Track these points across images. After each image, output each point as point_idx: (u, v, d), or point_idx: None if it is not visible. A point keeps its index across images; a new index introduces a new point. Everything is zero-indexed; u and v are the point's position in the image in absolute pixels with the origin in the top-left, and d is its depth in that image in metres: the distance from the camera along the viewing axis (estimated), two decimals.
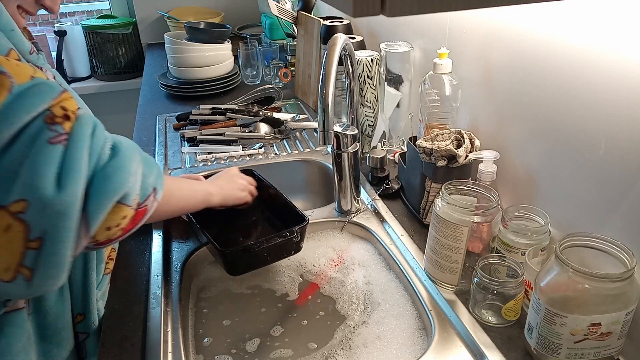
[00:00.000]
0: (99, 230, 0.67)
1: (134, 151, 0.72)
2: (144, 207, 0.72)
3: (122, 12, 2.59)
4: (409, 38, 1.26)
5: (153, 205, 0.74)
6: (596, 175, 0.74)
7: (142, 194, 0.71)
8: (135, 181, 0.69)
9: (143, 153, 0.76)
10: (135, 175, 0.69)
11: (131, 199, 0.68)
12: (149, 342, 0.77)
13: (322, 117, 0.88)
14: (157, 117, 1.62)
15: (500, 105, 0.95)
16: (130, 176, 0.68)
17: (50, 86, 0.65)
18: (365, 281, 0.94)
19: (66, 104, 0.66)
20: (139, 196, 0.70)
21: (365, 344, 0.80)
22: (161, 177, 0.77)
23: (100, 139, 0.67)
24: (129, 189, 0.67)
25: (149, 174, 0.73)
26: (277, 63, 1.86)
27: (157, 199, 0.75)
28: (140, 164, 0.72)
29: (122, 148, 0.70)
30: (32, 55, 0.76)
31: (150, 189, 0.73)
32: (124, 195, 0.67)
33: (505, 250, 0.81)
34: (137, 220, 0.72)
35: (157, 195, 0.75)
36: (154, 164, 0.77)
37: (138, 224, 0.73)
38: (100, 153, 0.67)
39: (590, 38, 0.71)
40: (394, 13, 0.40)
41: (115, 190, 0.66)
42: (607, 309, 0.63)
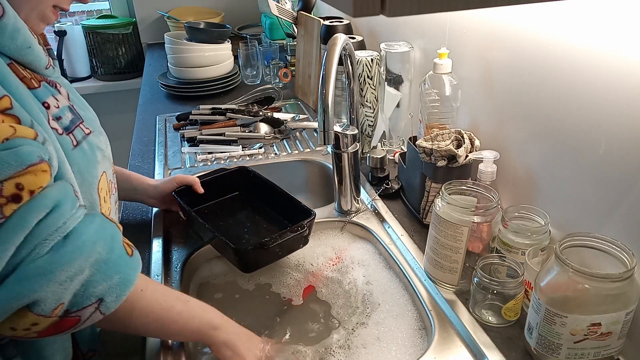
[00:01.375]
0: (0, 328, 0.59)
1: (92, 250, 0.61)
2: (74, 316, 0.61)
3: (122, 12, 2.59)
4: (409, 38, 1.26)
5: (93, 317, 0.62)
6: (596, 175, 0.74)
7: (75, 302, 0.60)
8: (63, 289, 0.58)
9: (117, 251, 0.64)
10: (66, 282, 0.58)
11: (46, 309, 0.58)
12: (149, 342, 0.77)
13: (322, 117, 0.88)
14: (157, 117, 1.62)
15: (500, 105, 0.95)
16: (52, 284, 0.57)
17: (18, 156, 0.57)
18: (365, 281, 0.94)
19: (26, 180, 0.58)
20: (66, 304, 0.59)
21: (364, 345, 0.80)
22: (122, 288, 0.63)
23: (50, 226, 0.58)
24: (41, 298, 0.57)
25: (98, 281, 0.61)
26: (277, 63, 1.86)
27: (102, 311, 0.62)
28: (90, 267, 0.60)
29: (76, 242, 0.60)
30: (47, 70, 0.73)
31: (93, 299, 0.61)
32: (33, 303, 0.57)
33: (505, 250, 0.81)
34: (62, 329, 0.61)
35: (104, 307, 0.62)
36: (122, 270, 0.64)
37: (66, 332, 0.62)
38: (38, 245, 0.57)
39: (590, 38, 0.71)
40: (394, 13, 0.40)
41: (19, 297, 0.56)
42: (607, 309, 0.63)
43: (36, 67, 0.71)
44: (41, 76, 0.72)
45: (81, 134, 0.74)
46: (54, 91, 0.73)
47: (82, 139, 0.74)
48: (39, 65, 0.71)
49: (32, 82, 0.68)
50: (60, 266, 0.58)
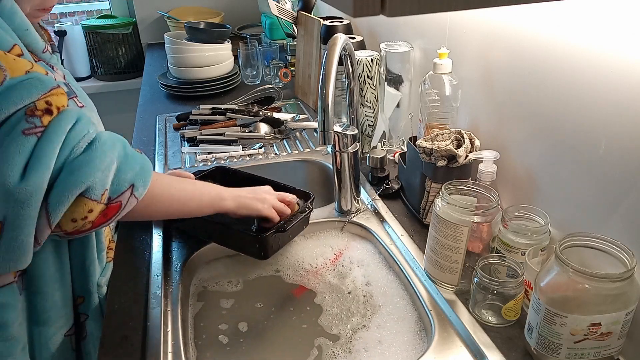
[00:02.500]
0: (63, 221, 0.69)
1: (114, 147, 0.74)
2: (116, 202, 0.73)
3: (122, 12, 2.59)
4: (409, 38, 1.26)
5: (130, 202, 0.75)
6: (596, 175, 0.74)
7: (114, 189, 0.73)
8: (105, 176, 0.71)
9: (130, 150, 0.78)
10: (106, 170, 0.71)
11: (97, 194, 0.70)
12: (149, 342, 0.77)
13: (322, 117, 0.88)
14: (157, 117, 1.62)
15: (500, 105, 0.95)
16: (97, 171, 0.70)
17: (41, 81, 0.69)
18: (365, 281, 0.94)
19: (53, 99, 0.69)
20: (109, 191, 0.72)
21: (365, 347, 0.80)
22: (145, 174, 0.77)
23: (79, 133, 0.70)
24: (92, 183, 0.69)
25: (126, 169, 0.74)
26: (277, 63, 1.86)
27: (135, 195, 0.75)
28: (116, 159, 0.73)
29: (100, 143, 0.72)
30: (45, 53, 0.81)
31: (126, 184, 0.74)
32: (87, 189, 0.69)
33: (505, 250, 0.81)
34: (109, 215, 0.73)
35: (137, 192, 0.76)
36: (139, 162, 0.77)
37: (111, 219, 0.74)
38: (74, 147, 0.69)
39: (590, 38, 0.71)
40: (394, 13, 0.40)
41: (76, 184, 0.68)
42: (607, 309, 0.63)
43: (34, 48, 0.79)
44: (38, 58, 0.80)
45: (75, 107, 0.82)
46: (50, 69, 0.80)
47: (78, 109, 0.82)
48: (36, 47, 0.79)
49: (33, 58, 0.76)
50: (97, 157, 0.70)
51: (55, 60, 0.85)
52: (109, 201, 0.72)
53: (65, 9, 2.77)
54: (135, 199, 0.76)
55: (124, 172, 0.74)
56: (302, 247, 1.03)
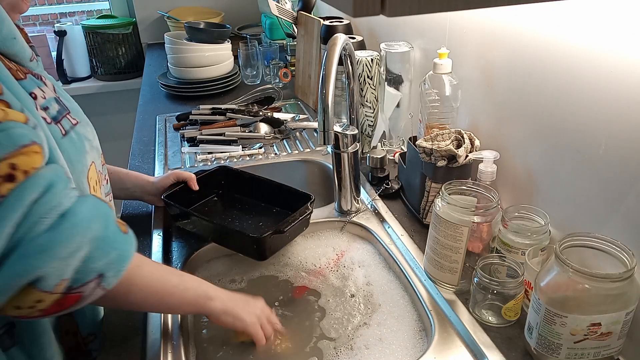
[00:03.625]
0: (6, 306, 0.59)
1: (89, 228, 0.62)
2: (77, 292, 0.62)
3: (122, 12, 2.59)
4: (409, 38, 1.26)
5: (95, 293, 0.64)
6: (596, 175, 0.74)
7: (77, 278, 0.61)
8: (65, 265, 0.60)
9: (111, 230, 0.65)
10: (69, 258, 0.60)
11: (50, 284, 0.59)
12: (149, 342, 0.78)
13: (322, 117, 0.88)
14: (157, 117, 1.62)
15: (500, 105, 0.95)
16: (54, 260, 0.59)
17: (10, 137, 0.59)
18: (365, 281, 0.94)
19: (20, 160, 0.59)
20: (69, 281, 0.60)
21: (365, 346, 0.80)
22: (121, 263, 0.65)
23: (46, 204, 0.60)
24: (45, 274, 0.58)
25: (97, 257, 0.62)
26: (277, 63, 1.86)
27: (103, 286, 0.64)
28: (88, 243, 0.62)
29: (72, 220, 0.61)
30: (32, 62, 0.74)
31: (94, 274, 0.62)
32: (37, 279, 0.58)
33: (505, 250, 0.81)
34: (65, 305, 0.62)
35: (105, 282, 0.64)
36: (118, 246, 0.65)
37: (68, 308, 0.63)
38: (36, 223, 0.58)
39: (590, 38, 0.71)
40: (394, 13, 0.40)
41: (25, 274, 0.58)
42: (607, 309, 0.63)
43: (21, 58, 0.71)
44: (26, 69, 0.73)
45: (69, 124, 0.75)
46: (40, 83, 0.73)
47: (69, 128, 0.75)
48: (24, 56, 0.72)
49: (18, 74, 0.69)
50: (60, 243, 0.59)
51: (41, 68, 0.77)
52: (67, 290, 0.61)
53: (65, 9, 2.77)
54: (102, 290, 0.64)
55: (93, 260, 0.62)
56: (303, 247, 1.03)
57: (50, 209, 0.59)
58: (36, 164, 0.60)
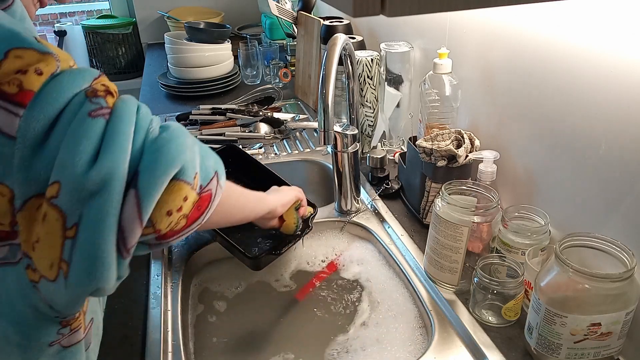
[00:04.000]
0: (157, 216, 0.56)
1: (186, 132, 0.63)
2: (207, 191, 0.62)
3: (122, 12, 2.59)
4: (409, 38, 1.26)
5: (217, 193, 0.64)
6: (596, 175, 0.74)
7: (204, 175, 0.61)
8: (193, 156, 0.60)
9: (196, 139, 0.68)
10: (192, 149, 0.60)
11: (191, 175, 0.59)
12: (149, 342, 0.78)
13: (322, 117, 0.88)
14: (157, 117, 1.62)
15: (500, 105, 0.95)
16: (187, 148, 0.59)
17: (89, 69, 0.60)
18: (366, 281, 0.94)
19: (107, 83, 0.60)
20: (199, 176, 0.60)
21: (363, 346, 0.80)
22: (221, 163, 0.66)
23: (146, 116, 0.60)
24: (185, 162, 0.58)
25: (207, 156, 0.63)
26: (277, 63, 1.86)
27: (220, 185, 0.65)
28: (195, 144, 0.62)
29: (172, 126, 0.61)
30: None
31: (212, 171, 0.63)
32: (181, 169, 0.57)
33: (505, 250, 0.81)
34: (202, 208, 0.61)
35: (221, 180, 0.65)
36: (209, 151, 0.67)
37: (204, 214, 0.62)
38: (148, 128, 0.58)
39: (590, 38, 0.71)
40: (394, 13, 0.40)
41: (170, 162, 0.56)
42: (607, 309, 0.63)
43: None
44: None
45: None
46: None
47: None
48: None
49: None
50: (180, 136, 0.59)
51: None
52: (200, 189, 0.61)
53: (65, 9, 2.77)
54: (221, 189, 0.65)
55: (206, 158, 0.63)
56: (303, 248, 1.03)
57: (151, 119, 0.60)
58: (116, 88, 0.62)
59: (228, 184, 0.71)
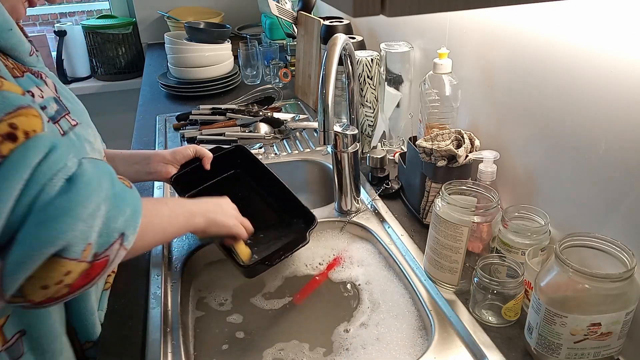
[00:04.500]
0: (28, 289, 0.54)
1: (100, 185, 0.59)
2: (103, 258, 0.58)
3: (122, 12, 2.59)
4: (409, 38, 1.26)
5: (119, 254, 0.61)
6: (596, 175, 0.74)
7: (101, 242, 0.58)
8: (89, 228, 0.56)
9: (118, 185, 0.63)
10: (91, 219, 0.56)
11: (77, 251, 0.55)
12: (149, 342, 0.77)
13: (322, 117, 0.88)
14: (157, 117, 1.62)
15: (500, 105, 0.95)
16: (79, 222, 0.55)
17: (7, 99, 0.56)
18: (365, 281, 0.94)
19: (19, 121, 0.55)
20: (94, 246, 0.57)
21: (364, 345, 0.80)
22: (135, 216, 0.63)
23: (51, 167, 0.56)
24: (72, 239, 0.54)
25: (116, 215, 0.60)
26: (277, 63, 1.86)
27: (124, 246, 0.61)
28: (104, 202, 0.59)
29: (83, 181, 0.58)
30: (32, 57, 0.72)
31: (116, 234, 0.59)
32: (64, 247, 0.54)
33: (505, 250, 0.81)
34: (92, 275, 0.58)
35: (126, 242, 0.61)
36: (130, 201, 0.63)
37: (95, 279, 0.59)
38: (45, 185, 0.54)
39: (590, 38, 0.71)
40: (394, 13, 0.40)
41: (51, 240, 0.53)
42: (607, 309, 0.63)
43: (20, 52, 0.68)
44: (25, 66, 0.70)
45: (67, 125, 0.72)
46: (39, 82, 0.70)
47: (68, 129, 0.72)
48: (22, 50, 0.69)
49: (14, 72, 0.66)
50: (79, 203, 0.56)
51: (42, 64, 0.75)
52: (94, 258, 0.57)
53: (65, 9, 2.77)
54: (124, 250, 0.62)
55: (113, 219, 0.59)
56: (303, 248, 1.02)
57: (57, 171, 0.56)
58: (36, 126, 0.57)
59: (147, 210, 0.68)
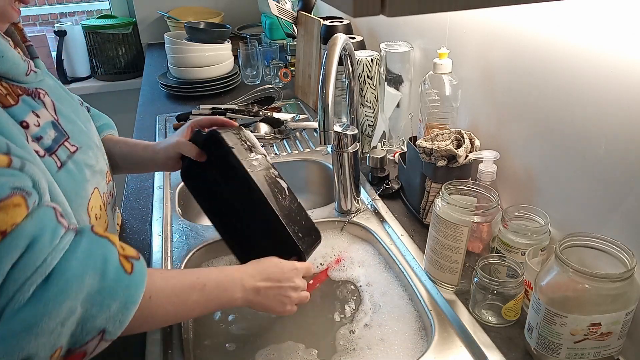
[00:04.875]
0: None
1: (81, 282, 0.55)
2: (79, 352, 0.57)
3: (122, 12, 2.59)
4: (409, 38, 1.26)
5: (99, 346, 0.59)
6: (596, 175, 0.74)
7: (74, 341, 0.56)
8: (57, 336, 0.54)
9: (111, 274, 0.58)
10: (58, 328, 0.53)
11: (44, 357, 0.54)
12: (149, 342, 0.77)
13: (322, 117, 0.88)
14: (157, 117, 1.62)
15: (500, 105, 0.95)
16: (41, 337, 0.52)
17: None
18: (365, 281, 0.94)
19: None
20: (65, 346, 0.55)
21: (363, 346, 0.80)
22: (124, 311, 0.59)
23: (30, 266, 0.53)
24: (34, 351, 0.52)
25: (96, 314, 0.56)
26: (277, 63, 1.86)
27: (106, 339, 0.59)
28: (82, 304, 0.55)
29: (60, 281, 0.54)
30: (29, 76, 0.68)
31: (94, 332, 0.57)
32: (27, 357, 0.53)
33: (505, 250, 0.81)
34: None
35: (108, 336, 0.59)
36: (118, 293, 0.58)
37: None
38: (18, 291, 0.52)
39: (590, 38, 0.71)
40: (394, 13, 0.40)
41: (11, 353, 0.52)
42: (607, 309, 0.63)
43: (14, 75, 0.66)
44: (21, 87, 0.67)
45: (66, 153, 0.69)
46: (36, 104, 0.67)
47: (66, 158, 0.69)
48: (17, 73, 0.66)
49: (7, 99, 0.63)
50: (45, 315, 0.52)
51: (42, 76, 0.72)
52: (67, 354, 0.56)
53: (65, 9, 2.77)
54: (106, 342, 0.59)
55: (90, 320, 0.56)
56: None
57: (32, 272, 0.53)
58: (16, 218, 0.53)
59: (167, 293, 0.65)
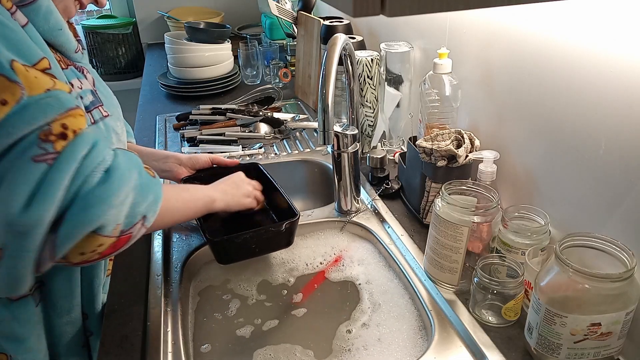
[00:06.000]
0: (70, 255, 0.67)
1: (130, 177, 0.70)
2: (127, 234, 0.71)
3: (122, 12, 2.59)
4: (409, 38, 1.26)
5: (140, 232, 0.73)
6: (596, 175, 0.74)
7: (127, 222, 0.70)
8: (119, 212, 0.68)
9: (144, 175, 0.74)
10: (121, 206, 0.68)
11: (109, 230, 0.67)
12: (149, 342, 0.78)
13: (322, 117, 0.88)
14: (157, 117, 1.62)
15: (500, 105, 0.95)
16: (112, 208, 0.66)
17: (60, 101, 0.65)
18: (365, 281, 0.94)
19: (69, 121, 0.65)
20: (122, 225, 0.69)
21: (365, 346, 0.80)
22: (157, 204, 0.75)
23: (93, 160, 0.66)
24: (106, 221, 0.66)
25: (140, 202, 0.71)
26: (277, 63, 1.86)
27: (145, 225, 0.73)
28: (132, 191, 0.70)
29: (117, 173, 0.68)
30: (77, 53, 0.81)
31: (139, 217, 0.71)
32: (99, 227, 0.66)
33: (505, 250, 0.81)
34: (118, 246, 0.71)
35: (147, 222, 0.73)
36: (153, 190, 0.74)
37: (120, 249, 0.72)
38: (88, 176, 0.65)
39: (590, 38, 0.71)
40: (394, 13, 0.40)
41: (90, 222, 0.65)
42: (607, 309, 0.63)
43: (66, 49, 0.78)
44: (70, 61, 0.80)
45: (99, 115, 0.81)
46: (80, 75, 0.80)
47: (99, 119, 0.81)
48: (69, 47, 0.78)
49: (60, 64, 0.75)
50: (113, 193, 0.67)
51: (86, 60, 0.85)
52: (120, 234, 0.69)
53: None
54: (144, 228, 0.74)
55: (138, 205, 0.71)
56: (302, 248, 1.03)
57: (98, 164, 0.66)
58: (82, 125, 0.67)
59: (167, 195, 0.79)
